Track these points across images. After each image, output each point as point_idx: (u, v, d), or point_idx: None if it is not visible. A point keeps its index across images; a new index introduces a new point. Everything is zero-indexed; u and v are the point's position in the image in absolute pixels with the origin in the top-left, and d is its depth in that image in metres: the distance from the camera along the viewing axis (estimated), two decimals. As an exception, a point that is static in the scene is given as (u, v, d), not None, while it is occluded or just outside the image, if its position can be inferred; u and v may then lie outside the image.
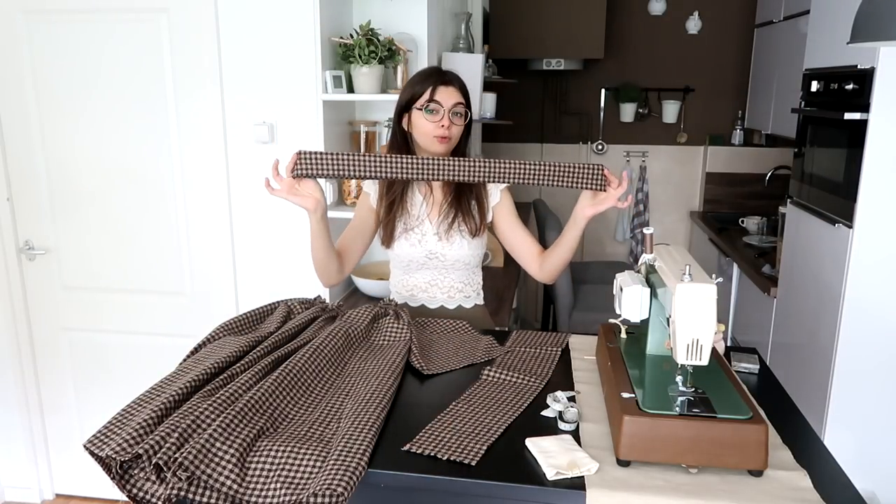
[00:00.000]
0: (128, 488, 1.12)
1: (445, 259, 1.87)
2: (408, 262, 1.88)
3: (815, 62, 2.56)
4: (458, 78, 1.80)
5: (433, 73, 1.79)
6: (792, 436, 1.25)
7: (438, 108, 1.75)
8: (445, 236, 1.85)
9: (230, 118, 2.34)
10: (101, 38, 2.33)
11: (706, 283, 1.12)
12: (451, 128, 1.76)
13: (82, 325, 2.64)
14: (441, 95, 1.75)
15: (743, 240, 3.61)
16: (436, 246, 1.85)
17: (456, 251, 1.86)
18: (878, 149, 2.11)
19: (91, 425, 2.67)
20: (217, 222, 2.44)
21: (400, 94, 1.82)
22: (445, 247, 1.85)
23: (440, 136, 1.76)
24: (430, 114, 1.76)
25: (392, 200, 1.84)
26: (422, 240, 1.85)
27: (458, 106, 1.77)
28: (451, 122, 1.76)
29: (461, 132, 1.81)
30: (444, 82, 1.76)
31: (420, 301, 1.94)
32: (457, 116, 1.77)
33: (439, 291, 1.92)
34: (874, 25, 1.47)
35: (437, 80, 1.76)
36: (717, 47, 4.24)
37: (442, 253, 1.86)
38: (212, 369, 1.34)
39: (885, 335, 2.22)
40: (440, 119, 1.75)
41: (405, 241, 1.86)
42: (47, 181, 2.50)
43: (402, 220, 1.86)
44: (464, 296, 1.95)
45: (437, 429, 1.25)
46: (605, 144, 4.49)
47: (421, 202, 1.87)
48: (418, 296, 1.93)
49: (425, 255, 1.86)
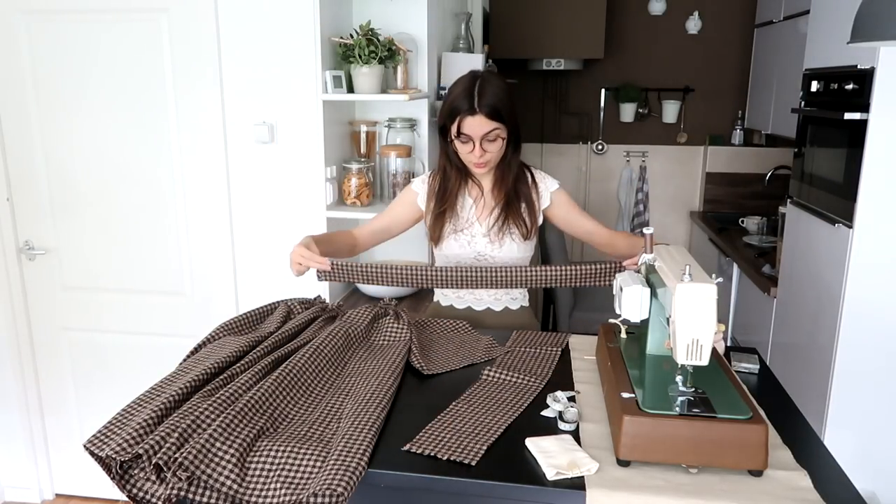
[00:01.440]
0: (128, 488, 1.12)
1: (494, 261, 1.86)
2: (456, 262, 1.88)
3: (815, 62, 2.56)
4: (490, 93, 1.69)
5: (462, 99, 1.70)
6: (792, 436, 1.25)
7: (468, 139, 1.73)
8: (496, 238, 1.84)
9: (230, 118, 2.34)
10: (100, 38, 2.33)
11: (706, 283, 1.12)
12: (485, 154, 1.74)
13: (82, 325, 2.63)
14: (469, 128, 1.71)
15: (743, 240, 3.60)
16: (485, 248, 1.85)
17: (505, 253, 1.85)
18: (878, 149, 2.11)
19: (91, 425, 2.67)
20: (217, 222, 2.44)
21: (440, 111, 1.79)
22: (495, 249, 1.85)
23: (475, 164, 1.77)
24: (463, 144, 1.75)
25: (444, 204, 1.84)
26: (471, 241, 1.85)
27: (490, 134, 1.72)
28: (484, 150, 1.73)
29: (501, 151, 1.78)
30: (471, 112, 1.69)
31: (467, 303, 1.94)
32: (490, 142, 1.73)
33: (486, 293, 1.92)
34: (874, 25, 1.47)
35: (464, 111, 1.70)
36: (717, 47, 4.24)
37: (491, 255, 1.86)
38: (212, 369, 1.34)
39: (885, 335, 2.21)
40: (472, 150, 1.74)
41: (454, 241, 1.86)
42: (47, 181, 2.50)
43: (451, 221, 1.85)
44: (510, 297, 1.95)
45: (437, 429, 1.25)
46: (605, 144, 4.49)
47: (471, 205, 1.87)
48: (465, 297, 1.94)
49: (474, 257, 1.86)
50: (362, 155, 2.51)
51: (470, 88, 1.71)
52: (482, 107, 1.68)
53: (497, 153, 1.77)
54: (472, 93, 1.69)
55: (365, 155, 2.51)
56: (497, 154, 1.77)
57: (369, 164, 2.42)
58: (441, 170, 1.87)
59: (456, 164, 1.83)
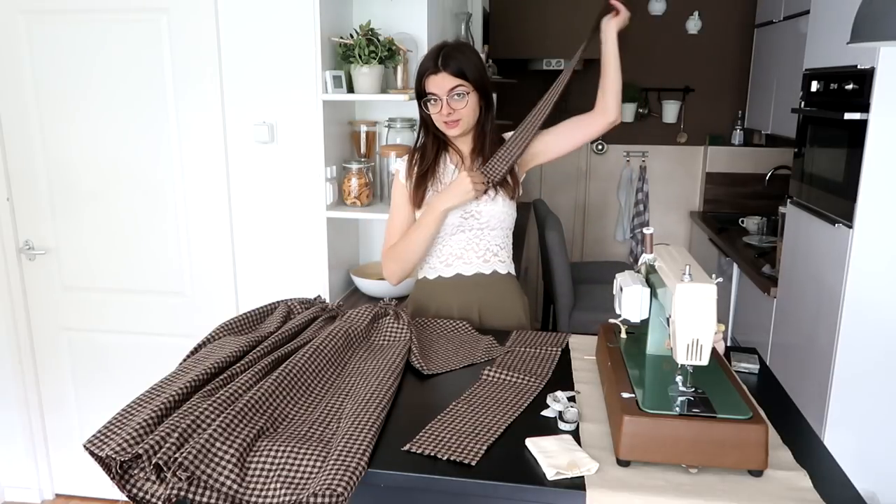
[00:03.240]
0: (128, 488, 1.12)
1: (481, 217, 1.87)
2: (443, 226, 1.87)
3: (815, 62, 2.56)
4: (454, 56, 1.77)
5: (426, 62, 1.79)
6: (792, 436, 1.25)
7: (435, 97, 1.78)
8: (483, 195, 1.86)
9: (230, 118, 2.34)
10: (100, 38, 2.33)
11: (706, 283, 1.12)
12: (453, 113, 1.78)
13: (82, 325, 2.63)
14: (434, 85, 1.77)
15: (743, 240, 3.61)
16: (471, 205, 1.85)
17: (491, 207, 1.86)
18: (878, 149, 2.11)
19: (91, 425, 2.67)
20: (217, 222, 2.44)
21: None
22: (481, 203, 1.85)
23: (445, 123, 1.81)
24: (432, 105, 1.79)
25: (423, 167, 1.88)
26: None
27: (455, 91, 1.77)
28: (452, 107, 1.78)
29: (473, 110, 1.82)
30: (434, 70, 1.76)
31: (455, 269, 1.92)
32: (457, 99, 1.78)
33: (475, 255, 1.91)
34: (874, 25, 1.47)
35: (428, 69, 1.77)
36: (717, 47, 4.24)
37: (477, 210, 1.86)
38: (212, 369, 1.34)
39: (885, 335, 2.22)
40: (440, 109, 1.78)
41: None
42: (47, 181, 2.50)
43: (434, 187, 1.87)
44: (499, 260, 1.94)
45: (437, 429, 1.25)
46: (605, 144, 4.49)
47: (453, 170, 1.90)
48: (453, 263, 1.92)
49: (460, 216, 1.86)
50: (362, 155, 2.51)
51: (436, 51, 1.79)
52: (445, 65, 1.75)
53: (467, 113, 1.80)
54: (438, 54, 1.78)
55: (365, 155, 2.51)
56: (468, 114, 1.81)
57: (369, 164, 2.42)
58: (419, 143, 1.93)
59: (433, 131, 1.88)
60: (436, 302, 1.93)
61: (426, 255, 1.91)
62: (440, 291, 1.93)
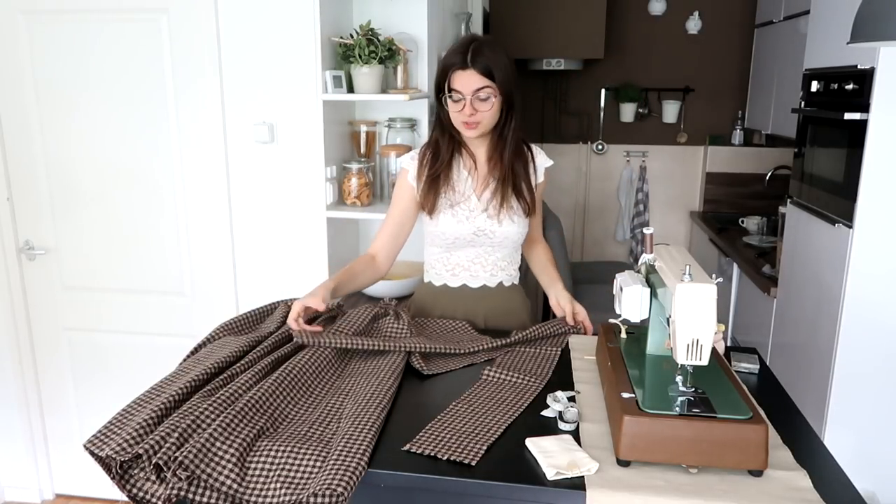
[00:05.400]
0: (128, 488, 1.12)
1: (494, 237, 1.83)
2: (453, 239, 1.83)
3: (815, 62, 2.56)
4: (485, 54, 1.67)
5: (456, 54, 1.69)
6: (792, 436, 1.25)
7: (459, 95, 1.69)
8: (495, 213, 1.81)
9: (230, 118, 2.34)
10: (100, 38, 2.33)
11: (706, 283, 1.12)
12: (475, 114, 1.70)
13: (82, 325, 2.63)
14: (460, 82, 1.68)
15: (743, 240, 3.60)
16: (485, 223, 1.81)
17: (505, 229, 1.82)
18: (878, 149, 2.11)
19: (91, 425, 2.67)
20: (217, 222, 2.44)
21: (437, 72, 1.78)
22: (494, 225, 1.81)
23: (464, 123, 1.73)
24: (454, 102, 1.72)
25: (436, 170, 1.80)
26: (469, 216, 1.81)
27: (481, 91, 1.68)
28: (475, 108, 1.70)
29: (495, 114, 1.73)
30: (462, 66, 1.67)
31: (462, 280, 1.89)
32: (482, 101, 1.70)
33: (482, 269, 1.88)
34: (874, 25, 1.47)
35: (457, 64, 1.68)
36: (717, 47, 4.24)
37: (491, 230, 1.82)
38: (212, 369, 1.35)
39: (885, 335, 2.21)
40: (462, 108, 1.70)
41: (452, 217, 1.80)
42: (47, 181, 2.50)
43: (446, 194, 1.81)
44: (506, 274, 1.91)
45: (437, 429, 1.25)
46: (605, 144, 4.49)
47: (466, 177, 1.83)
48: (460, 274, 1.88)
49: (472, 233, 1.82)
50: (362, 155, 2.51)
51: (465, 45, 1.70)
52: (475, 63, 1.67)
53: (489, 116, 1.72)
54: (467, 49, 1.68)
55: (365, 155, 2.51)
56: (489, 118, 1.73)
57: (369, 164, 2.42)
58: (433, 140, 1.84)
59: (448, 130, 1.80)
60: (440, 307, 1.91)
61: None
62: (445, 298, 1.91)
